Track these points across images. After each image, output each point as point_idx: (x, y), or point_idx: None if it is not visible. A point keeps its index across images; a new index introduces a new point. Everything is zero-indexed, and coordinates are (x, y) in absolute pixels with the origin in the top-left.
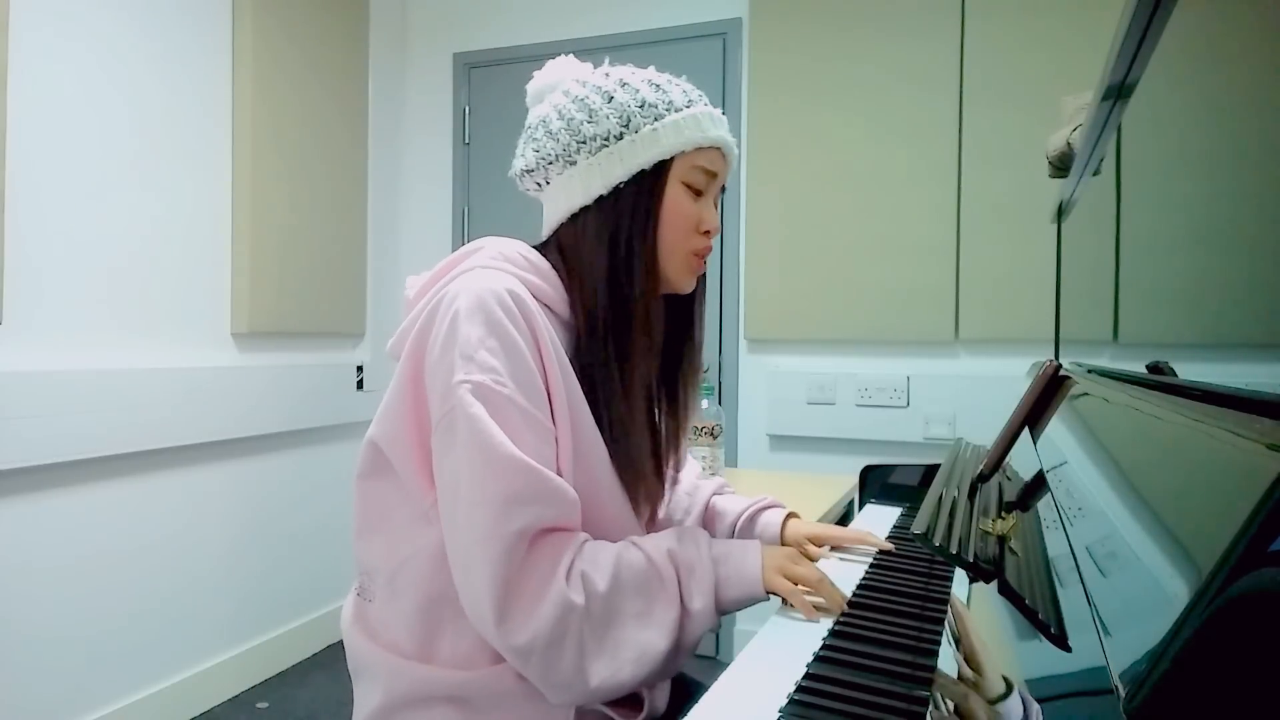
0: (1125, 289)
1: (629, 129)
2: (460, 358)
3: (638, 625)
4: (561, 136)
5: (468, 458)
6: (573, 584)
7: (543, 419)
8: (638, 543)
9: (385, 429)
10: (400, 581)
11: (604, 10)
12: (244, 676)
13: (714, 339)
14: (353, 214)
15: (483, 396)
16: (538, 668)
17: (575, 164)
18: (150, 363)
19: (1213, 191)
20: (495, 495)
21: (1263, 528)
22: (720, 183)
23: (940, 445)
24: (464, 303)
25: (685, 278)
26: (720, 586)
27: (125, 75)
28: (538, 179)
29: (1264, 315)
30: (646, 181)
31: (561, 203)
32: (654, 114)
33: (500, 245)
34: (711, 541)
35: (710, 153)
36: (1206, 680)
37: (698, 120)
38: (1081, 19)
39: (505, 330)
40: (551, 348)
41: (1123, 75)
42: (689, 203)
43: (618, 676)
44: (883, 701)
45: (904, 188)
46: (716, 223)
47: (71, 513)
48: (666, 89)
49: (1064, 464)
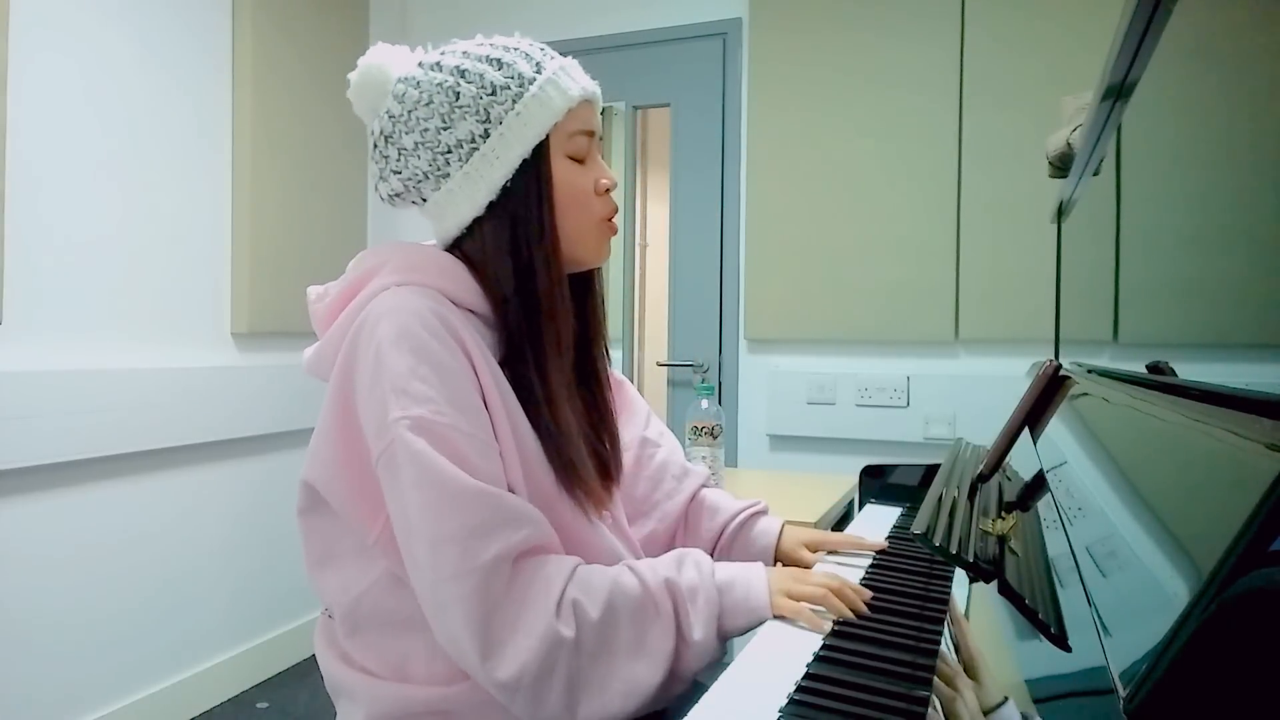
0: (1125, 289)
1: (491, 122)
2: (392, 392)
3: (629, 657)
4: (422, 153)
5: (419, 497)
6: (563, 616)
7: (487, 440)
8: (635, 568)
9: (318, 470)
10: (360, 615)
11: (604, 10)
12: (244, 676)
13: (714, 339)
14: (353, 214)
15: (423, 430)
16: (524, 703)
17: (449, 176)
18: (150, 363)
19: (1212, 191)
20: (457, 531)
21: (1263, 528)
22: (598, 134)
23: (940, 445)
24: (385, 330)
25: (599, 248)
26: (724, 615)
27: (125, 75)
28: (411, 199)
29: (1264, 315)
30: (530, 170)
31: (450, 218)
32: (509, 96)
33: (405, 254)
34: (715, 567)
35: (579, 110)
36: (1206, 680)
37: (555, 83)
38: (1081, 19)
39: (434, 354)
40: (483, 359)
41: (1123, 75)
42: (579, 173)
43: (606, 710)
44: (883, 701)
45: (904, 188)
46: (612, 177)
47: (71, 512)
48: (510, 61)
49: (1064, 464)
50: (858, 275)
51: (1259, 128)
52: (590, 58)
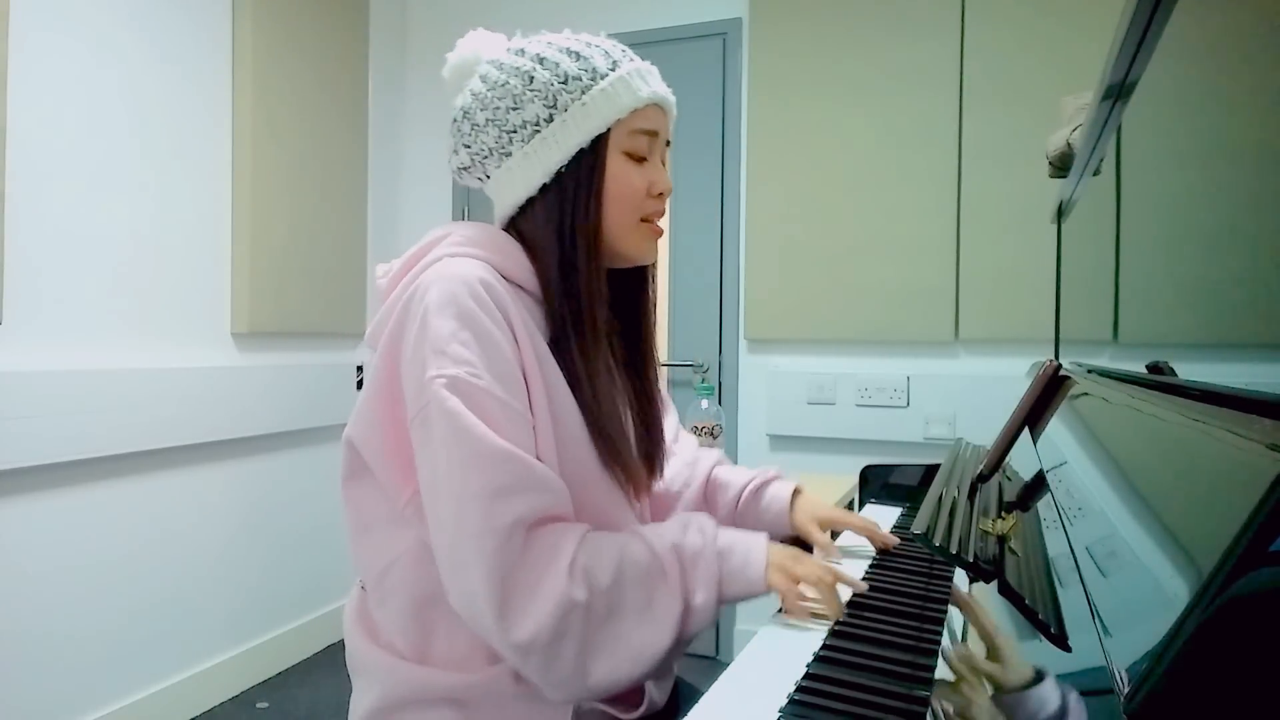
0: (1125, 289)
1: (557, 109)
2: (433, 352)
3: (638, 621)
4: (490, 130)
5: (448, 452)
6: (575, 579)
7: (521, 409)
8: (642, 534)
9: (360, 427)
10: (388, 584)
11: (604, 10)
12: (244, 676)
13: (714, 339)
14: (353, 214)
15: (458, 390)
16: (537, 664)
17: (510, 155)
18: (150, 363)
19: (1213, 191)
20: (483, 488)
21: (1263, 528)
22: (664, 139)
23: (940, 445)
24: (434, 296)
25: (644, 246)
26: (724, 581)
27: (125, 74)
28: (476, 175)
29: (1264, 315)
30: (586, 160)
31: (507, 196)
32: (579, 87)
33: (466, 229)
34: (718, 532)
35: (647, 111)
36: (1206, 680)
37: (626, 82)
38: (1081, 19)
39: (478, 321)
40: (526, 333)
41: (1123, 75)
42: (634, 172)
43: (616, 674)
44: (883, 701)
45: (904, 188)
46: (668, 183)
47: (71, 513)
48: (588, 55)
49: (1064, 464)
50: (858, 275)
51: (1259, 128)
52: None
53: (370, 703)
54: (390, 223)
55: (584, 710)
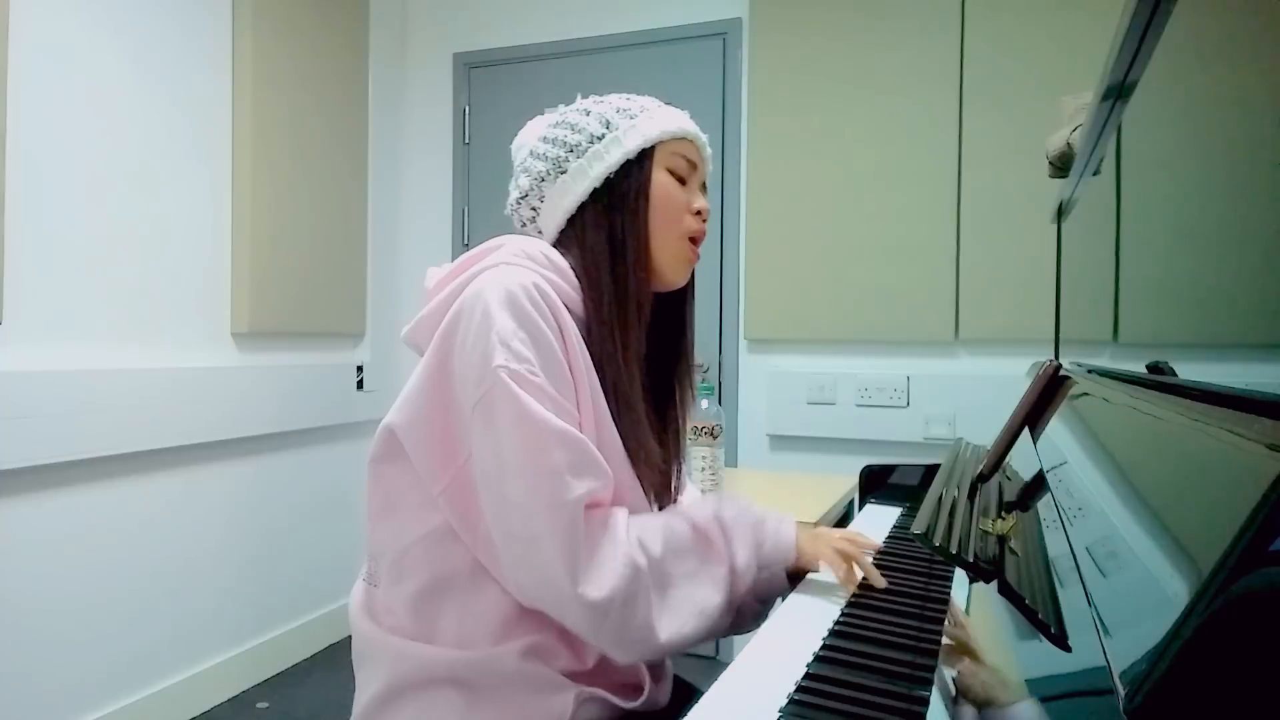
0: (1125, 289)
1: (609, 129)
2: (498, 343)
3: (692, 583)
4: (549, 153)
5: (519, 433)
6: (634, 546)
7: (572, 410)
8: (678, 513)
9: (405, 415)
10: (406, 563)
11: (604, 10)
12: (244, 676)
13: (714, 339)
14: (353, 214)
15: (520, 382)
16: (614, 624)
17: (566, 171)
18: (150, 363)
19: (1213, 191)
20: (556, 465)
21: (1263, 528)
22: (701, 176)
23: (940, 445)
24: (493, 293)
25: (679, 267)
26: (761, 545)
27: (125, 75)
28: (532, 202)
29: (1264, 315)
30: (634, 170)
31: (559, 207)
32: (629, 115)
33: (522, 243)
34: (752, 504)
35: (686, 144)
36: (1206, 680)
37: (670, 115)
38: (1081, 19)
39: (535, 323)
40: (575, 340)
41: (1123, 75)
42: (676, 187)
43: (682, 631)
44: (883, 701)
45: (904, 188)
46: (707, 205)
47: (71, 512)
48: (636, 99)
49: (1064, 464)
50: (858, 275)
51: (1259, 128)
52: (590, 58)
53: (375, 689)
54: (390, 223)
55: (585, 697)
